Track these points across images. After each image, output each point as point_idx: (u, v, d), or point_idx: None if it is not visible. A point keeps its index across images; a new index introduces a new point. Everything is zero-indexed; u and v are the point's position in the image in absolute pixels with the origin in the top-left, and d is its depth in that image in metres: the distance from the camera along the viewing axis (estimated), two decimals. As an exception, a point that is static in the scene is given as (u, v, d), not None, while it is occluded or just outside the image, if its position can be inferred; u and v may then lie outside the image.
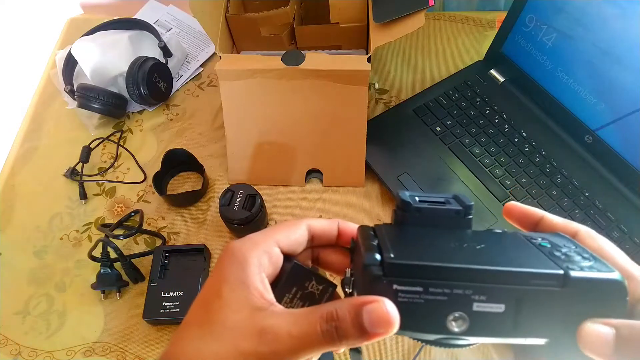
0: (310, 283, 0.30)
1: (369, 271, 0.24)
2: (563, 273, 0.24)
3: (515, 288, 0.24)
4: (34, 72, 0.82)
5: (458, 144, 0.66)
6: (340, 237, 0.32)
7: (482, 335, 0.24)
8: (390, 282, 0.23)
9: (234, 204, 0.59)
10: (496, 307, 0.24)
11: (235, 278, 0.27)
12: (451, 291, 0.23)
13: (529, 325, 0.24)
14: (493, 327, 0.24)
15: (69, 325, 0.58)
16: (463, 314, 0.24)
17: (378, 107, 0.73)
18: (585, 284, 0.24)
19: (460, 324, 0.24)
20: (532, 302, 0.24)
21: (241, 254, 0.28)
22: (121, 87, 0.73)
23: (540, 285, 0.24)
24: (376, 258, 0.24)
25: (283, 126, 0.63)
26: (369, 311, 0.23)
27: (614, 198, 0.60)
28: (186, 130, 0.73)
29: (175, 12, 0.85)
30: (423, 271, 0.24)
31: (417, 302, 0.24)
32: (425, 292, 0.23)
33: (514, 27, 0.66)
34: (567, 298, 0.24)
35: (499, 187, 0.62)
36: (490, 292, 0.24)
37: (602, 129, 0.60)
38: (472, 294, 0.23)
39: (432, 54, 0.78)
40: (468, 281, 0.23)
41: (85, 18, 0.87)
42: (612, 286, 0.24)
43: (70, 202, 0.67)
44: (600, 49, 0.57)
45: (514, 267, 0.24)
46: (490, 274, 0.24)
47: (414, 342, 0.55)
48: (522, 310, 0.24)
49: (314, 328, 0.24)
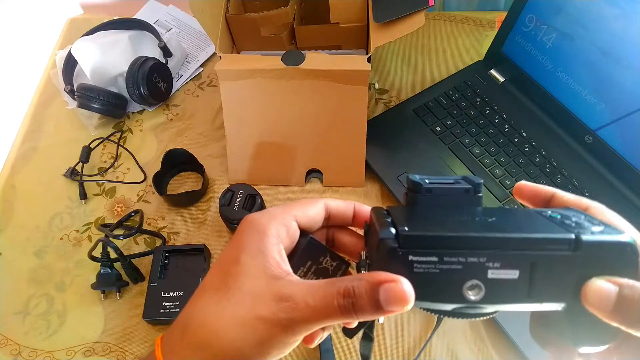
0: (325, 259, 0.31)
1: (385, 244, 0.24)
2: (574, 237, 0.24)
3: (528, 254, 0.24)
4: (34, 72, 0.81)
5: (458, 144, 0.66)
6: (356, 218, 0.33)
7: (498, 302, 0.25)
8: (406, 253, 0.24)
9: (234, 204, 0.59)
10: (510, 274, 0.24)
11: (254, 247, 0.28)
12: (466, 260, 0.24)
13: (543, 291, 0.24)
14: (508, 293, 0.24)
15: (69, 325, 0.58)
16: (478, 282, 0.24)
17: (378, 107, 0.73)
18: (596, 246, 0.24)
19: (477, 292, 0.24)
20: (545, 266, 0.24)
21: (260, 224, 0.29)
22: (121, 87, 0.73)
23: (553, 249, 0.24)
24: (391, 231, 0.24)
25: (283, 126, 0.63)
26: (385, 289, 0.24)
27: (614, 198, 0.60)
28: (186, 130, 0.73)
29: (175, 12, 0.85)
30: (437, 241, 0.24)
31: (433, 272, 0.24)
32: (440, 262, 0.24)
33: (514, 27, 0.66)
34: (579, 261, 0.24)
35: (499, 187, 0.62)
36: (504, 258, 0.24)
37: (602, 128, 0.60)
38: (486, 262, 0.24)
39: (432, 54, 0.78)
40: (482, 249, 0.24)
41: (85, 18, 0.87)
42: (624, 248, 0.24)
43: (70, 202, 0.67)
44: (600, 49, 0.57)
45: (525, 233, 0.24)
46: (503, 240, 0.24)
47: (414, 342, 0.55)
48: (535, 276, 0.24)
49: (331, 301, 0.25)
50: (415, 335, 0.55)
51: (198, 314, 0.28)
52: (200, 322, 0.27)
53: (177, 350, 0.28)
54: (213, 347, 0.27)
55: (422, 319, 0.56)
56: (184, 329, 0.28)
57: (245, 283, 0.27)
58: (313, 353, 0.54)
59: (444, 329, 0.56)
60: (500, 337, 0.54)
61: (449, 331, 0.55)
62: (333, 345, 0.54)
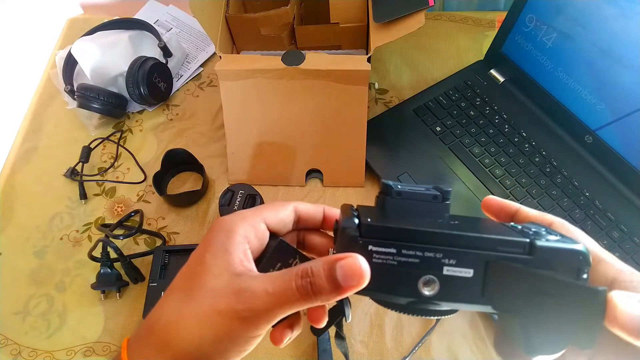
0: (294, 261, 0.31)
1: (346, 232, 0.25)
2: (529, 241, 0.25)
3: (483, 253, 0.25)
4: (34, 72, 0.81)
5: (458, 144, 0.66)
6: (326, 221, 0.34)
7: (451, 300, 0.25)
8: (366, 243, 0.25)
9: (234, 203, 0.59)
10: (465, 272, 0.25)
11: (219, 245, 0.28)
12: (423, 254, 0.25)
13: (496, 293, 0.25)
14: (462, 292, 0.25)
15: (69, 325, 0.58)
16: (433, 277, 0.25)
17: (378, 107, 0.73)
18: (550, 251, 0.25)
19: (431, 288, 0.25)
20: (499, 268, 0.25)
21: (228, 225, 0.29)
22: (121, 87, 0.73)
23: (507, 252, 0.25)
24: (354, 221, 0.25)
25: (283, 126, 0.63)
26: (342, 266, 0.24)
27: (614, 198, 0.60)
28: (186, 130, 0.73)
29: (175, 12, 0.85)
30: (397, 233, 0.25)
31: (391, 264, 0.25)
32: (398, 254, 0.25)
33: (514, 27, 0.66)
34: (532, 266, 0.24)
35: (499, 187, 0.62)
36: (460, 256, 0.25)
37: (602, 128, 0.60)
38: (442, 257, 0.25)
39: (432, 54, 0.78)
40: (439, 245, 0.25)
41: (85, 18, 0.87)
42: (576, 255, 0.25)
43: (70, 202, 0.67)
44: (600, 49, 0.57)
45: (482, 234, 0.25)
46: (460, 238, 0.25)
47: (414, 342, 0.55)
48: (489, 277, 0.25)
49: (289, 284, 0.25)
50: (416, 335, 0.55)
51: (163, 315, 0.28)
52: (165, 322, 0.28)
53: (143, 351, 0.28)
54: (174, 346, 0.27)
55: (422, 319, 0.56)
56: (149, 330, 0.28)
57: (207, 281, 0.27)
58: (312, 353, 0.54)
59: (444, 329, 0.56)
60: (500, 337, 0.54)
61: (449, 331, 0.55)
62: (331, 346, 0.54)
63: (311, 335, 0.55)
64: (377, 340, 0.55)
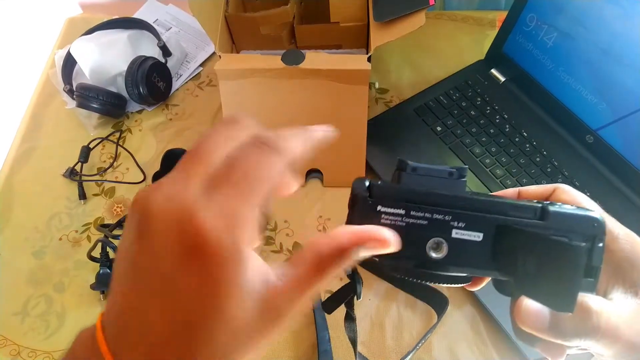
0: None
1: (356, 194, 0.25)
2: (541, 206, 0.24)
3: (493, 217, 0.24)
4: (33, 72, 0.81)
5: (459, 144, 0.65)
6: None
7: (459, 264, 0.25)
8: (375, 203, 0.25)
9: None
10: (474, 235, 0.24)
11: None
12: (431, 216, 0.24)
13: (506, 259, 0.24)
14: (471, 256, 0.24)
15: (68, 326, 0.58)
16: (442, 240, 0.24)
17: (378, 107, 0.73)
18: (563, 217, 0.24)
19: (439, 251, 0.24)
20: (510, 233, 0.24)
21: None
22: (120, 87, 0.72)
23: (519, 216, 0.24)
24: (364, 183, 0.26)
25: (283, 126, 0.62)
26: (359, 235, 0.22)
27: (615, 198, 0.60)
28: (186, 130, 0.72)
29: (174, 11, 0.85)
30: (406, 195, 0.25)
31: (399, 225, 0.25)
32: (407, 215, 0.25)
33: (515, 26, 0.66)
34: (545, 232, 0.24)
35: (500, 186, 0.62)
36: (469, 219, 0.24)
37: (603, 128, 0.60)
38: (451, 220, 0.24)
39: (432, 54, 0.78)
40: (448, 207, 0.24)
41: (84, 17, 0.86)
42: (591, 222, 0.24)
43: (69, 202, 0.67)
44: (601, 48, 0.57)
45: (493, 199, 0.25)
46: (470, 201, 0.25)
47: (414, 342, 0.54)
48: (499, 242, 0.24)
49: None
50: (416, 335, 0.55)
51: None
52: None
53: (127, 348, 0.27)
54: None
55: (422, 319, 0.56)
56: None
57: None
58: (312, 353, 0.54)
59: (445, 329, 0.55)
60: (501, 337, 0.54)
61: (450, 331, 0.55)
62: (331, 347, 0.54)
63: (311, 336, 0.55)
64: (377, 340, 0.55)
